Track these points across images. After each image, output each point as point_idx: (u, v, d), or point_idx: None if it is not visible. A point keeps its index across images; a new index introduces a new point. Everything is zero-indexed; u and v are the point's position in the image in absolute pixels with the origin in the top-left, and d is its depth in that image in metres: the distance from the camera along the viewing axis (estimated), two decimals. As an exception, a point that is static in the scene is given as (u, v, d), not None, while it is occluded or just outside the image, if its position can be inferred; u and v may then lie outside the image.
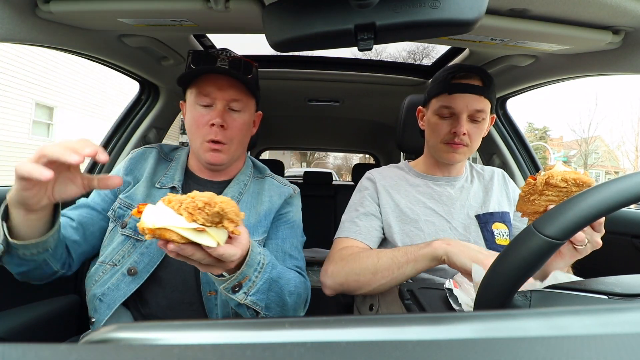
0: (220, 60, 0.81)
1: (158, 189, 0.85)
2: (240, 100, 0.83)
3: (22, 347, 0.17)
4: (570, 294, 0.43)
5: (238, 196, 0.88)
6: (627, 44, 0.86)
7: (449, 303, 0.66)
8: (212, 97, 0.81)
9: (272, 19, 0.62)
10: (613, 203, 0.35)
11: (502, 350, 0.18)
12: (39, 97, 9.28)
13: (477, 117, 0.89)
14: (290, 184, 0.98)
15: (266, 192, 0.91)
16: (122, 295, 0.77)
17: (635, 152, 23.94)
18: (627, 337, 0.20)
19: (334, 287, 0.84)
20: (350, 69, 1.51)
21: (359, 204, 0.96)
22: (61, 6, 0.79)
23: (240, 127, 0.84)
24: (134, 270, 0.78)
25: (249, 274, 0.64)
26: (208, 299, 0.81)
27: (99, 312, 0.77)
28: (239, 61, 0.82)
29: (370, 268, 0.78)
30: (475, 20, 0.57)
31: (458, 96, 0.88)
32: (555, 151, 26.19)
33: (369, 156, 3.57)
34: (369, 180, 1.00)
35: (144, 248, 0.80)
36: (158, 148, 0.93)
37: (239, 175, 0.91)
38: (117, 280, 0.78)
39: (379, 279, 0.77)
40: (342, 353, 0.18)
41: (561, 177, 0.59)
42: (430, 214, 0.93)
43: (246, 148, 0.95)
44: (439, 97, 0.92)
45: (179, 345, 0.19)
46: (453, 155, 0.92)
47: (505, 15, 0.79)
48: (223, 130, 0.81)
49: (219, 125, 0.80)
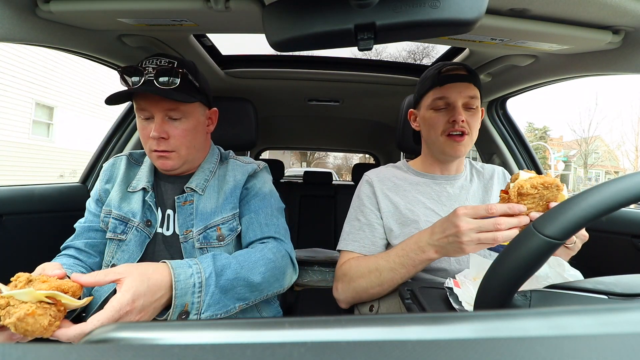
0: (147, 73, 0.79)
1: (131, 192, 0.90)
2: (176, 109, 0.83)
3: (22, 347, 0.17)
4: (570, 294, 0.43)
5: (204, 183, 0.91)
6: (627, 44, 0.86)
7: (450, 302, 0.66)
8: (148, 110, 0.82)
9: (272, 19, 0.62)
10: (612, 203, 0.35)
11: (502, 350, 0.18)
12: (39, 97, 9.29)
13: (472, 104, 0.91)
14: (255, 162, 0.99)
15: (230, 173, 0.94)
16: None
17: (635, 152, 23.95)
18: (627, 337, 0.20)
19: (348, 302, 0.91)
20: (350, 68, 1.51)
21: (360, 212, 0.97)
22: (61, 6, 0.79)
23: (183, 134, 0.85)
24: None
25: (187, 301, 0.66)
26: None
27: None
28: (165, 67, 0.80)
29: (375, 281, 0.82)
30: (475, 20, 0.57)
31: (450, 86, 0.90)
32: (555, 151, 26.20)
33: (369, 156, 3.57)
34: (367, 184, 1.00)
35: (124, 245, 0.85)
36: (127, 155, 0.98)
37: (203, 164, 0.94)
38: None
39: (387, 288, 0.82)
40: (342, 353, 0.18)
41: (530, 185, 0.64)
42: (430, 214, 0.93)
43: (206, 145, 0.97)
44: (432, 92, 0.94)
45: (179, 345, 0.19)
46: (457, 147, 0.92)
47: (505, 15, 0.79)
48: (165, 140, 0.83)
49: (159, 138, 0.82)
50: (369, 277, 0.83)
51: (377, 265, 0.82)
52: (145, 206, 0.88)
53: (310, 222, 2.41)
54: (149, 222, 0.87)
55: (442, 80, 0.91)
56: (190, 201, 0.88)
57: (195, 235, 0.85)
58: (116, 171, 0.94)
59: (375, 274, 0.82)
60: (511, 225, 0.65)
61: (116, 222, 0.86)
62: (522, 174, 0.68)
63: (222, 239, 0.86)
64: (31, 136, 9.29)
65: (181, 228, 0.86)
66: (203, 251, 0.85)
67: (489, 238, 0.66)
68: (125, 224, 0.86)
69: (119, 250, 0.85)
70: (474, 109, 0.92)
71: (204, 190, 0.90)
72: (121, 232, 0.85)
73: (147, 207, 0.88)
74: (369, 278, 0.83)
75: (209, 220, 0.87)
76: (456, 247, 0.70)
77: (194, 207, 0.88)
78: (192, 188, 0.89)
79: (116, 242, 0.86)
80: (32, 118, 9.23)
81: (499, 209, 0.66)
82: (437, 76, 0.92)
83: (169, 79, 0.80)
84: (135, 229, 0.85)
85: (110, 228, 0.86)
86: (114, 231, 0.85)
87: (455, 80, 0.90)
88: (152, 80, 0.79)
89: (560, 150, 28.06)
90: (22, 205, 1.14)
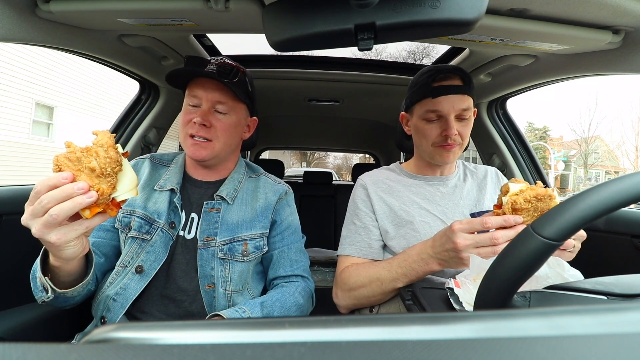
0: (210, 64, 0.85)
1: (158, 191, 0.89)
2: (225, 103, 0.87)
3: (22, 347, 0.17)
4: (570, 294, 0.43)
5: (233, 193, 0.92)
6: (627, 44, 0.86)
7: (450, 303, 0.66)
8: (199, 97, 0.86)
9: (272, 19, 0.62)
10: (611, 203, 0.35)
11: (502, 350, 0.18)
12: (39, 97, 9.28)
13: (464, 115, 0.90)
14: (284, 183, 1.02)
15: (261, 190, 0.97)
16: (132, 294, 0.81)
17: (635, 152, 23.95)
18: (626, 337, 0.20)
19: (349, 308, 0.92)
20: (350, 68, 1.51)
21: (355, 215, 0.98)
22: (61, 6, 0.79)
23: (224, 127, 0.88)
24: (141, 269, 0.83)
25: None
26: (206, 292, 0.84)
27: (112, 312, 0.80)
28: (227, 66, 0.86)
29: (377, 290, 0.83)
30: (475, 20, 0.57)
31: (443, 99, 0.88)
32: (555, 151, 26.18)
33: (369, 156, 3.57)
34: (361, 188, 1.01)
35: (150, 246, 0.84)
36: (149, 157, 0.98)
37: (233, 174, 0.96)
38: (128, 279, 0.83)
39: (389, 295, 0.84)
40: (342, 353, 0.18)
41: (523, 199, 0.65)
42: (424, 215, 0.93)
43: (237, 150, 0.99)
44: (423, 102, 0.92)
45: (179, 345, 0.19)
46: (447, 155, 0.92)
47: (505, 15, 0.79)
48: (206, 128, 0.85)
49: (200, 124, 0.84)
50: (370, 286, 0.84)
51: (378, 276, 0.82)
52: (171, 207, 0.88)
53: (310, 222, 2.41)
54: (173, 223, 0.87)
55: (435, 92, 0.89)
56: (218, 209, 0.89)
57: (219, 244, 0.86)
58: (139, 173, 0.94)
59: (377, 284, 0.82)
60: (508, 238, 0.65)
61: (141, 222, 0.85)
62: (512, 186, 0.67)
63: (247, 255, 0.88)
64: (31, 136, 9.28)
65: (202, 234, 0.86)
66: (225, 262, 0.86)
67: (488, 252, 0.66)
68: (151, 224, 0.85)
69: (143, 252, 0.84)
70: (466, 119, 0.91)
71: (233, 200, 0.91)
72: (146, 232, 0.85)
73: (172, 209, 0.88)
74: (370, 287, 0.84)
75: (236, 233, 0.88)
76: (457, 261, 0.70)
77: (221, 215, 0.88)
78: (223, 197, 0.90)
79: (139, 242, 0.85)
80: (32, 118, 9.22)
81: (494, 222, 0.65)
82: (429, 87, 0.90)
83: (230, 73, 0.86)
84: (160, 229, 0.85)
85: (134, 227, 0.85)
86: (139, 230, 0.84)
87: (448, 92, 0.88)
88: (214, 72, 0.84)
89: (560, 150, 28.02)
90: (22, 205, 1.13)
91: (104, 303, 0.81)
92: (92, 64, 5.74)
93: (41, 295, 0.67)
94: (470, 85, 0.91)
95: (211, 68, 0.84)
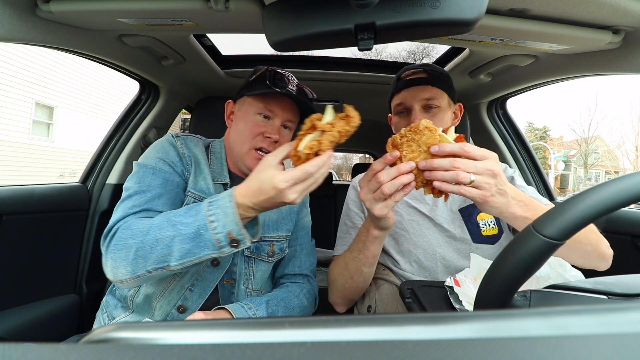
0: (290, 84, 0.88)
1: (217, 184, 0.88)
2: (294, 121, 0.93)
3: (22, 347, 0.17)
4: (570, 294, 0.43)
5: None
6: (627, 44, 0.86)
7: (450, 301, 0.66)
8: (274, 113, 0.88)
9: (272, 18, 0.62)
10: (611, 203, 0.35)
11: (502, 350, 0.18)
12: (39, 97, 9.28)
13: (430, 104, 0.91)
14: None
15: None
16: (211, 284, 0.84)
17: (635, 152, 23.96)
18: (626, 337, 0.20)
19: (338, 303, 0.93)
20: (350, 68, 1.51)
21: (347, 216, 1.01)
22: (61, 6, 0.79)
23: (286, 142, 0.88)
24: (217, 262, 0.85)
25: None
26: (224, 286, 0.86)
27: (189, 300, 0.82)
28: (303, 89, 0.92)
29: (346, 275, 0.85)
30: (475, 20, 0.57)
31: (406, 91, 0.93)
32: (555, 151, 26.18)
33: (368, 156, 3.57)
34: (353, 189, 1.05)
35: None
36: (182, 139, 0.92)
37: None
38: (202, 270, 0.84)
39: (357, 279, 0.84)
40: (342, 353, 0.18)
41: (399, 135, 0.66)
42: (413, 213, 0.96)
43: None
44: (393, 98, 0.98)
45: (179, 345, 0.19)
46: None
47: (505, 15, 0.79)
48: (275, 143, 0.88)
49: (274, 141, 0.87)
50: (341, 273, 0.86)
51: (344, 259, 0.85)
52: None
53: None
54: None
55: (400, 86, 0.94)
56: None
57: None
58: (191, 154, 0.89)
59: (344, 267, 0.85)
60: (391, 175, 0.63)
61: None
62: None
63: (272, 255, 0.91)
64: (31, 136, 9.28)
65: None
66: (250, 260, 0.87)
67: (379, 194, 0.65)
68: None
69: None
70: (434, 108, 0.91)
71: None
72: None
73: None
74: (341, 274, 0.86)
75: (265, 233, 0.90)
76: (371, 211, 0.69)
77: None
78: None
79: None
80: (32, 118, 9.22)
81: (377, 166, 0.66)
82: (396, 82, 0.96)
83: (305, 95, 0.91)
84: None
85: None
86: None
87: (411, 84, 0.92)
88: (293, 91, 0.86)
89: (560, 150, 28.01)
90: (22, 205, 1.13)
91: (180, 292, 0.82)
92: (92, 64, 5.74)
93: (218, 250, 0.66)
94: (438, 79, 0.92)
95: (291, 88, 0.87)
